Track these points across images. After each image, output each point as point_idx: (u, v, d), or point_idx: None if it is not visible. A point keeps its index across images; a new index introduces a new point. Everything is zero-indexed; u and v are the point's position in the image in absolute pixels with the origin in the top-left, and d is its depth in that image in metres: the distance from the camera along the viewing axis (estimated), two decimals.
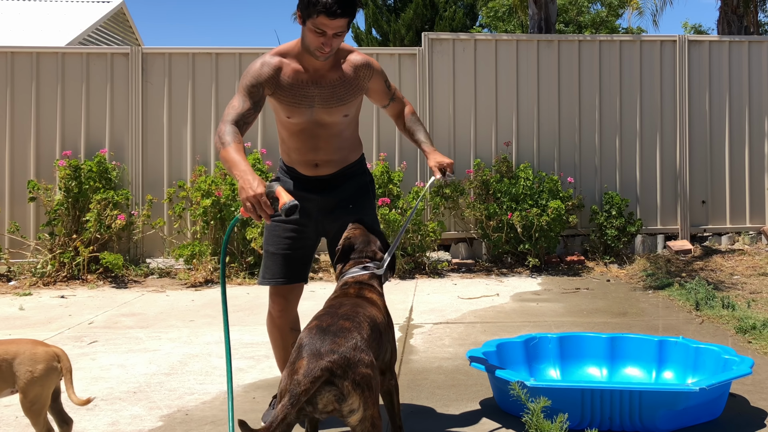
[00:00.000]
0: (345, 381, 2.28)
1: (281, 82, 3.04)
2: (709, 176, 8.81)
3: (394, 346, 2.86)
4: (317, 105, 3.08)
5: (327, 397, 2.28)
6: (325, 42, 2.93)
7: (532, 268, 7.92)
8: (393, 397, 2.87)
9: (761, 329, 4.88)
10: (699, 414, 3.28)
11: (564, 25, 23.18)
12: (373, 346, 2.50)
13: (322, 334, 2.38)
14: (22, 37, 14.39)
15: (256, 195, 2.65)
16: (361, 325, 2.48)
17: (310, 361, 2.28)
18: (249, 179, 2.68)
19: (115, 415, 3.56)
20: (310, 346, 2.34)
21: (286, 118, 3.11)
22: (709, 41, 8.95)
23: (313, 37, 2.93)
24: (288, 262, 3.21)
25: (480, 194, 8.16)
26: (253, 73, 3.02)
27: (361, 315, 2.55)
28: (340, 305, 2.64)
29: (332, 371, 2.27)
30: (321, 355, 2.29)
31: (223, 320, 3.01)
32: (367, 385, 2.34)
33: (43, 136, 8.23)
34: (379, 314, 2.72)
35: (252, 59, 8.41)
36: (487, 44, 8.70)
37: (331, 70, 3.09)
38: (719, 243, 8.80)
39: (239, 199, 2.78)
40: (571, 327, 5.24)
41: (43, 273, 7.50)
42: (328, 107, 3.09)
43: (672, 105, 8.78)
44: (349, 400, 2.29)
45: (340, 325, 2.43)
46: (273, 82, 3.03)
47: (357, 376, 2.31)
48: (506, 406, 3.47)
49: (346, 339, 2.37)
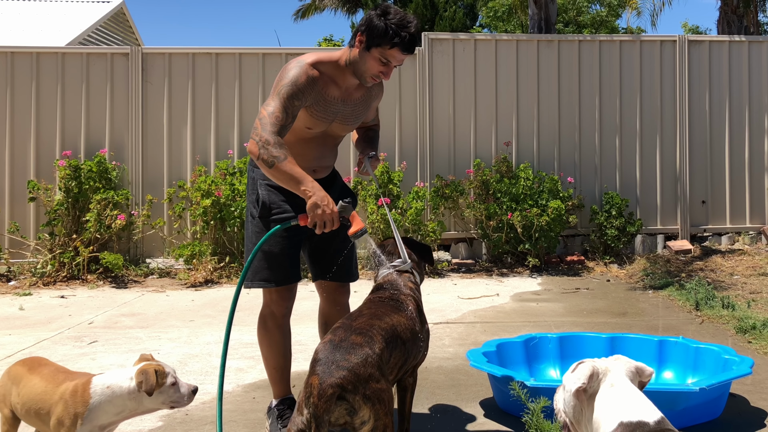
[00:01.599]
0: (356, 396, 2.37)
1: (316, 96, 3.02)
2: (709, 176, 8.81)
3: (426, 346, 2.93)
4: (337, 120, 3.14)
5: (339, 411, 2.38)
6: (385, 71, 3.01)
7: (532, 268, 7.92)
8: (407, 393, 2.94)
9: (761, 329, 4.88)
10: (699, 414, 3.28)
11: (563, 25, 23.17)
12: (386, 357, 2.56)
13: (333, 349, 2.45)
14: (22, 37, 14.38)
15: (333, 213, 2.76)
16: (374, 339, 2.53)
17: (322, 379, 2.36)
18: (324, 196, 2.78)
19: None
20: (322, 363, 2.42)
21: (305, 127, 3.09)
22: (709, 41, 8.95)
23: (376, 64, 2.98)
24: (294, 261, 3.21)
25: (480, 194, 8.16)
26: (297, 84, 2.93)
27: (376, 328, 2.59)
28: (358, 316, 2.70)
29: (343, 387, 2.35)
30: (331, 373, 2.37)
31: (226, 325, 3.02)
32: (378, 398, 2.41)
33: (43, 136, 8.23)
34: (404, 320, 2.76)
35: (252, 59, 8.44)
36: (487, 44, 8.70)
37: (357, 89, 3.15)
38: (719, 243, 8.80)
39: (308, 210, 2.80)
40: (571, 327, 5.24)
41: (43, 273, 7.50)
42: (345, 123, 3.18)
43: (672, 105, 8.78)
44: (360, 413, 2.38)
45: (351, 340, 2.49)
46: (311, 97, 3.00)
47: (368, 391, 2.39)
48: (506, 406, 3.47)
49: (357, 355, 2.43)
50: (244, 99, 8.45)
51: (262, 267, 3.14)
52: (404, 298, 2.89)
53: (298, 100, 2.93)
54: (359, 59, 2.99)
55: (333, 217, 2.76)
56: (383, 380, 2.46)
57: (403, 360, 2.72)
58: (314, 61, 3.00)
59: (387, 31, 2.89)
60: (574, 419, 2.14)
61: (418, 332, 2.82)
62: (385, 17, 2.91)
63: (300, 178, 2.79)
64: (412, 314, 2.84)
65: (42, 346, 4.92)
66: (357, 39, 2.98)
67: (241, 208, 7.58)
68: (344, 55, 3.05)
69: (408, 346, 2.73)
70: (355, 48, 3.00)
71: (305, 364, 3.98)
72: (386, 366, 2.55)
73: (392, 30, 2.89)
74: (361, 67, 3.01)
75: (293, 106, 2.92)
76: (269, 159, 2.81)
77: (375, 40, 2.92)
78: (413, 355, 2.79)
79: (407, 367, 2.82)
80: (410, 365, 2.83)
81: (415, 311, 2.86)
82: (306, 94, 2.95)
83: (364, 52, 2.97)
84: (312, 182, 2.79)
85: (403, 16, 2.93)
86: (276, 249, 3.13)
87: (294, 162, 2.82)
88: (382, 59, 2.96)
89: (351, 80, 3.08)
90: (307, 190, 2.77)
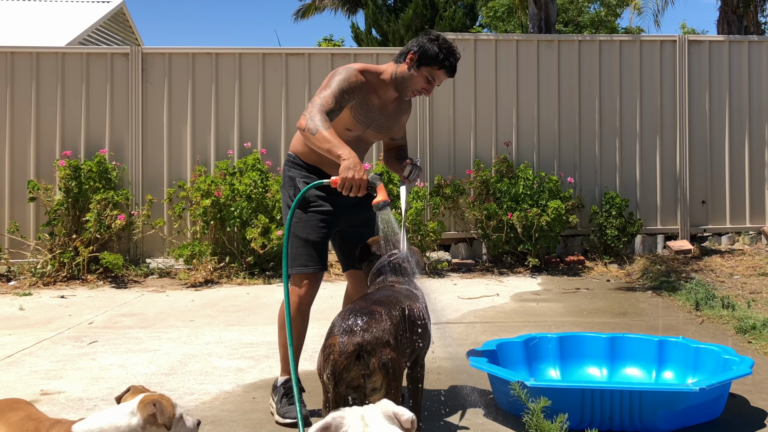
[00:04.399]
0: (372, 357, 2.52)
1: (361, 98, 3.33)
2: (709, 176, 8.81)
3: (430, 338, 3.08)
4: (372, 127, 3.46)
5: (355, 371, 2.51)
6: (428, 89, 3.39)
7: (532, 268, 7.92)
8: (418, 385, 3.06)
9: (761, 329, 4.88)
10: (699, 414, 3.28)
11: (563, 25, 23.17)
12: (400, 333, 2.71)
13: (354, 315, 2.62)
14: (22, 37, 14.37)
15: (362, 179, 2.94)
16: (391, 312, 2.70)
17: (342, 337, 2.53)
18: (357, 162, 2.96)
19: None
20: (342, 326, 2.58)
21: (345, 128, 3.36)
22: (709, 41, 8.94)
23: (421, 81, 3.35)
24: (324, 249, 3.48)
25: (480, 194, 8.16)
26: (349, 81, 3.26)
27: (392, 305, 2.77)
28: (375, 294, 2.91)
29: (362, 346, 2.51)
30: (353, 333, 2.53)
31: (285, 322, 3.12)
32: (392, 368, 2.56)
33: (43, 136, 8.23)
34: (415, 306, 2.93)
35: (252, 59, 8.44)
36: (487, 44, 8.70)
37: (392, 102, 3.47)
38: (719, 243, 8.79)
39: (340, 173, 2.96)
40: (571, 327, 5.24)
41: (43, 273, 7.49)
42: (379, 131, 3.52)
43: (672, 105, 8.78)
44: (374, 378, 2.52)
45: (371, 309, 2.67)
46: (358, 97, 3.31)
47: (383, 356, 2.54)
48: (506, 406, 3.47)
49: (376, 321, 2.60)
50: (244, 99, 8.45)
51: (299, 254, 3.41)
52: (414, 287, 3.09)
53: (348, 95, 3.25)
54: (407, 74, 3.35)
55: (361, 183, 2.94)
56: (398, 353, 2.61)
57: (412, 348, 2.86)
58: (362, 69, 3.34)
59: (439, 54, 3.29)
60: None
61: (425, 320, 2.98)
62: (437, 41, 3.32)
63: (338, 144, 3.02)
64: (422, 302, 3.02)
65: (42, 346, 4.92)
66: (408, 57, 3.33)
67: (241, 208, 7.59)
68: (390, 69, 3.40)
69: (418, 332, 2.88)
70: (404, 64, 3.35)
71: (305, 364, 3.99)
72: (399, 342, 2.68)
73: (443, 54, 3.30)
74: (407, 82, 3.36)
75: (342, 98, 3.23)
76: (314, 128, 3.07)
77: (426, 60, 3.30)
78: (421, 340, 2.93)
79: (414, 355, 2.96)
80: (416, 354, 2.97)
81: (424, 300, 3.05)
82: (354, 92, 3.27)
83: (413, 69, 3.33)
84: (349, 150, 3.00)
85: (451, 44, 3.35)
86: (313, 236, 3.40)
87: (335, 133, 3.06)
88: (428, 77, 3.34)
89: (390, 93, 3.42)
90: (342, 154, 2.98)
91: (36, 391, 3.93)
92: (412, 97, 3.45)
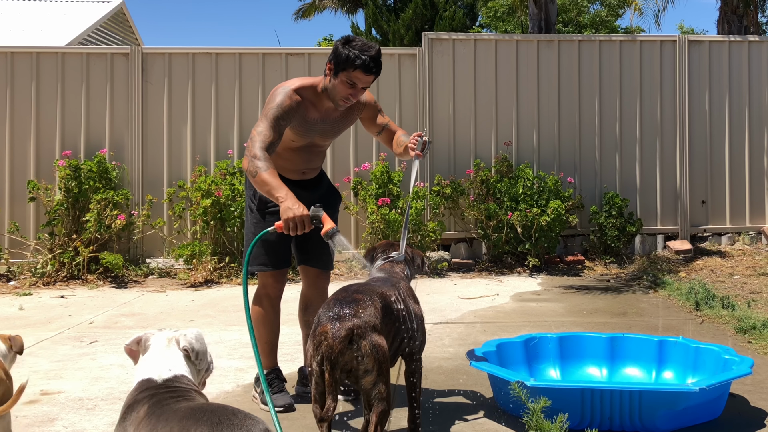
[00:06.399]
0: (363, 341, 2.63)
1: (298, 117, 3.44)
2: (709, 176, 8.81)
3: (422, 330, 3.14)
4: (317, 135, 3.57)
5: (349, 354, 2.62)
6: (353, 93, 3.41)
7: (532, 268, 7.92)
8: (415, 378, 3.08)
9: (761, 329, 4.88)
10: (699, 414, 3.28)
11: (563, 26, 23.17)
12: (385, 319, 2.80)
13: (340, 303, 2.72)
14: (22, 37, 14.37)
15: (301, 216, 3.03)
16: (373, 299, 2.80)
17: (334, 324, 2.63)
18: (294, 201, 3.07)
19: (115, 415, 3.55)
20: (328, 314, 2.68)
21: (291, 140, 3.51)
22: (709, 41, 8.94)
23: (343, 87, 3.37)
24: (286, 249, 3.67)
25: (480, 194, 8.16)
26: (283, 107, 3.35)
27: (372, 292, 2.86)
28: (353, 285, 2.98)
29: (353, 330, 2.63)
30: (343, 318, 2.65)
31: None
32: (381, 352, 2.67)
33: (43, 136, 8.23)
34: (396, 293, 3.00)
35: (252, 59, 8.45)
36: (487, 44, 8.70)
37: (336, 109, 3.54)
38: (719, 243, 8.79)
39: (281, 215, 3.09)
40: (571, 327, 5.24)
41: (43, 273, 7.50)
42: (326, 136, 3.64)
43: (672, 105, 8.78)
44: (365, 360, 2.63)
45: (354, 297, 2.77)
46: (294, 118, 3.41)
47: (373, 339, 2.66)
48: (506, 406, 3.47)
49: (362, 307, 2.72)
50: (244, 99, 8.45)
51: (260, 253, 3.59)
52: (396, 278, 3.18)
53: (284, 120, 3.35)
54: (329, 86, 3.41)
55: (303, 220, 3.04)
56: (383, 338, 2.71)
57: (395, 331, 2.92)
58: (297, 87, 3.42)
59: (349, 56, 3.30)
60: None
61: (410, 309, 3.04)
62: (349, 44, 3.33)
63: (276, 187, 3.13)
64: (404, 291, 3.09)
65: (42, 346, 4.92)
66: (327, 67, 3.39)
67: (240, 208, 7.59)
68: (320, 82, 3.46)
69: (400, 318, 2.94)
70: (327, 76, 3.41)
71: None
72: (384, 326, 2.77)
73: (354, 54, 3.29)
74: (333, 92, 3.41)
75: (279, 126, 3.34)
76: (253, 170, 3.19)
77: (341, 65, 3.33)
78: (406, 331, 2.98)
79: (402, 348, 3.00)
80: (405, 346, 3.01)
81: (406, 291, 3.10)
82: (290, 114, 3.37)
83: (333, 78, 3.38)
84: (286, 191, 3.11)
85: (364, 42, 3.35)
86: (272, 238, 3.47)
87: (274, 174, 3.17)
88: (348, 82, 3.35)
89: (328, 102, 3.49)
90: (280, 196, 3.10)
91: (36, 391, 3.92)
92: (345, 105, 3.47)
